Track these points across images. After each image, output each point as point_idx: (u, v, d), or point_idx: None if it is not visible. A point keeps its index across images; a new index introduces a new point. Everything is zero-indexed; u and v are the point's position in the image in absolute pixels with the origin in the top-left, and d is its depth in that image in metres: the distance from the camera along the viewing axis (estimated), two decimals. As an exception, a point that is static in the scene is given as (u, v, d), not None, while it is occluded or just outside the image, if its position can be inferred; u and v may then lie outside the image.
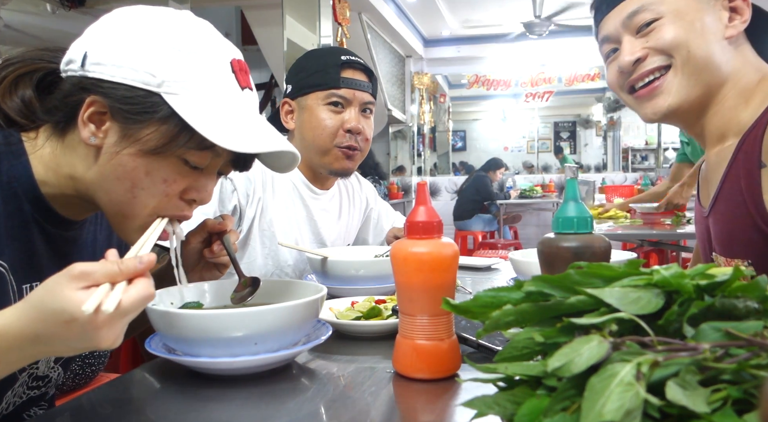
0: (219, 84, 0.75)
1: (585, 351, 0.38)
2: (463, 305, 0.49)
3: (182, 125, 0.72)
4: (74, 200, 0.80)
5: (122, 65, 0.71)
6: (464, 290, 1.30)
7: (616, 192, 5.27)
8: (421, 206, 0.77)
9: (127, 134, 0.73)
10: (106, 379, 1.63)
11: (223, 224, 0.91)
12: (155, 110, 0.71)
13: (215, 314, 0.75)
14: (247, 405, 0.70)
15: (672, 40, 0.95)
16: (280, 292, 0.92)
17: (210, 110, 0.73)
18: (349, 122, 1.35)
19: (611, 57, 1.04)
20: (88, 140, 0.73)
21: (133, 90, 0.71)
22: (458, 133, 12.22)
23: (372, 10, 6.20)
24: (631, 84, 1.01)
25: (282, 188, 1.40)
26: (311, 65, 1.38)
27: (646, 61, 0.97)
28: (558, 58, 8.96)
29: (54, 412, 0.71)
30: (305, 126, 1.38)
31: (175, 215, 0.79)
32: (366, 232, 1.67)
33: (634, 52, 0.98)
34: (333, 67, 1.35)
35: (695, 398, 0.35)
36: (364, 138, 1.39)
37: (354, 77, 1.37)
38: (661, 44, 0.96)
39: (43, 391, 0.88)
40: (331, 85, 1.34)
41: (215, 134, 0.71)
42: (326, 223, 1.48)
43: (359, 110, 1.38)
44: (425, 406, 0.71)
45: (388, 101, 7.30)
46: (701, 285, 0.45)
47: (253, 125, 0.77)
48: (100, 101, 0.72)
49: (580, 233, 0.79)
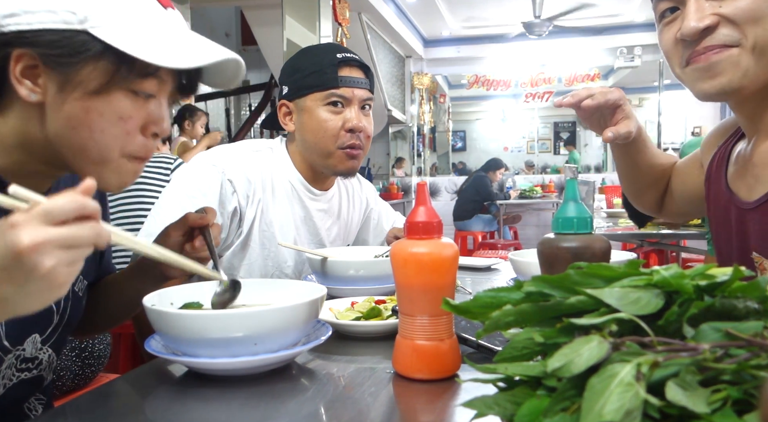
0: (142, 8, 0.74)
1: (585, 351, 0.38)
2: (463, 306, 0.49)
3: (119, 56, 0.70)
4: (32, 169, 0.77)
5: (37, 10, 0.68)
6: (464, 290, 1.30)
7: (616, 192, 5.27)
8: (421, 207, 0.77)
9: (66, 80, 0.70)
10: (106, 379, 1.63)
11: (205, 218, 0.91)
12: (87, 48, 0.69)
13: (215, 315, 0.75)
14: (247, 405, 0.70)
15: (752, 11, 0.81)
16: (280, 292, 0.92)
17: (141, 34, 0.71)
18: (350, 121, 1.34)
19: (668, 17, 0.89)
20: (29, 98, 0.70)
21: (57, 33, 0.69)
22: (458, 133, 12.23)
23: (372, 10, 6.21)
24: (692, 57, 0.87)
25: (281, 189, 1.40)
26: (307, 65, 1.36)
27: (715, 31, 0.83)
28: (558, 58, 8.97)
29: (54, 412, 0.71)
30: (306, 128, 1.36)
31: (143, 154, 0.78)
32: (366, 232, 1.67)
33: (704, 18, 0.82)
34: (330, 67, 1.33)
35: (695, 398, 0.35)
36: (366, 135, 1.38)
37: (352, 75, 1.35)
38: (737, 14, 0.81)
39: (36, 374, 0.86)
40: (330, 86, 1.33)
41: (155, 56, 0.70)
42: (325, 224, 1.48)
43: (359, 107, 1.36)
44: (425, 406, 0.71)
45: (388, 101, 7.30)
46: (701, 286, 0.45)
47: (188, 41, 0.76)
48: (28, 53, 0.69)
49: (580, 233, 0.80)
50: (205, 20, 7.07)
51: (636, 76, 8.99)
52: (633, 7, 7.47)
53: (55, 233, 0.54)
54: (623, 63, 8.10)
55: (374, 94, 1.44)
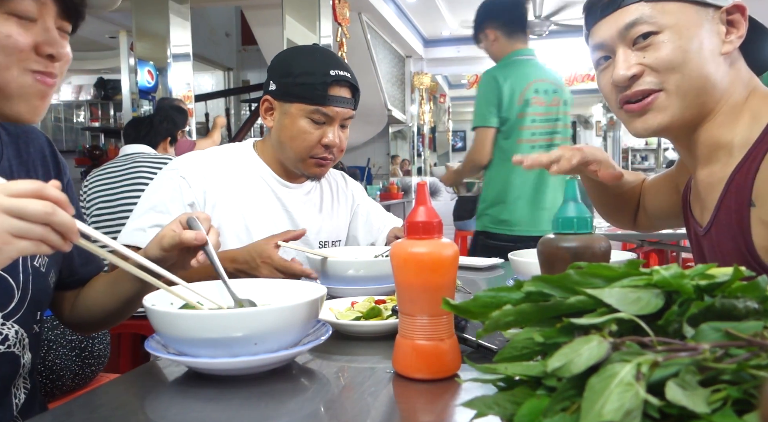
0: None
1: (585, 351, 0.38)
2: (463, 306, 0.49)
3: None
4: None
5: None
6: (464, 290, 1.30)
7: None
8: (421, 206, 0.77)
9: None
10: (106, 379, 1.63)
11: (199, 238, 0.89)
12: None
13: (215, 315, 0.75)
14: (247, 405, 0.70)
15: (670, 61, 0.91)
16: (280, 292, 0.92)
17: None
18: (327, 138, 1.39)
19: (603, 64, 1.00)
20: None
21: None
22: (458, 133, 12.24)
23: (372, 10, 6.20)
24: (624, 99, 0.97)
25: (250, 184, 1.43)
26: (299, 72, 1.38)
27: (641, 78, 0.94)
28: (558, 58, 8.96)
29: (54, 412, 0.71)
30: (284, 132, 1.40)
31: (43, 68, 0.80)
32: (355, 230, 1.67)
33: (630, 67, 0.93)
34: (321, 85, 1.35)
35: (695, 398, 0.35)
36: (339, 150, 1.44)
37: (340, 95, 1.38)
38: (658, 64, 0.92)
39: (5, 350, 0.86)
40: (318, 102, 1.36)
41: None
42: (303, 214, 1.48)
43: (339, 125, 1.41)
44: (425, 406, 0.71)
45: (388, 101, 7.29)
46: (701, 286, 0.45)
47: None
48: None
49: (580, 233, 0.80)
50: (205, 20, 7.07)
51: (636, 76, 8.99)
52: (633, 7, 7.47)
53: (5, 200, 0.60)
54: (623, 63, 8.09)
55: (374, 95, 1.46)
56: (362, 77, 7.25)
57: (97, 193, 2.46)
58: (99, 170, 2.55)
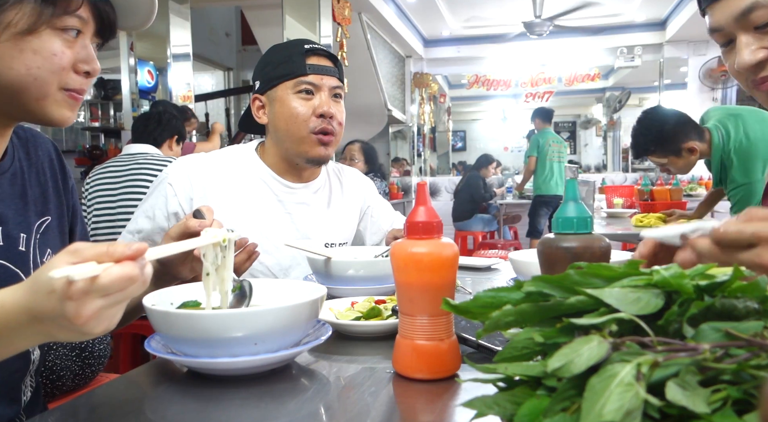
0: None
1: (585, 351, 0.38)
2: (463, 306, 0.49)
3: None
4: None
5: None
6: (464, 290, 1.30)
7: (616, 192, 5.27)
8: (421, 207, 0.77)
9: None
10: (106, 379, 1.63)
11: (203, 226, 0.93)
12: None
13: (215, 315, 0.75)
14: (247, 405, 0.70)
15: None
16: (280, 292, 0.92)
17: None
18: (320, 107, 1.38)
19: (727, 47, 0.97)
20: None
21: None
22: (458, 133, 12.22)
23: (372, 10, 6.20)
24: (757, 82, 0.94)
25: (250, 186, 1.42)
26: (276, 58, 1.41)
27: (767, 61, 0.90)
28: (558, 58, 8.96)
29: (54, 412, 0.71)
30: (278, 117, 1.40)
31: (79, 87, 0.83)
32: (364, 230, 1.67)
33: (756, 54, 0.90)
34: (298, 56, 1.37)
35: (695, 398, 0.35)
36: (338, 122, 1.42)
37: (320, 63, 1.39)
38: None
39: None
40: (298, 73, 1.37)
41: None
42: (303, 216, 1.47)
43: (329, 95, 1.40)
44: (425, 406, 0.71)
45: (388, 101, 7.29)
46: (701, 285, 0.45)
47: None
48: None
49: (580, 233, 0.80)
50: (205, 20, 7.07)
51: (636, 76, 8.99)
52: (633, 7, 7.47)
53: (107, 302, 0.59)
54: (623, 63, 8.11)
55: (374, 95, 1.46)
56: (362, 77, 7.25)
57: (98, 192, 2.46)
58: (101, 167, 2.55)
